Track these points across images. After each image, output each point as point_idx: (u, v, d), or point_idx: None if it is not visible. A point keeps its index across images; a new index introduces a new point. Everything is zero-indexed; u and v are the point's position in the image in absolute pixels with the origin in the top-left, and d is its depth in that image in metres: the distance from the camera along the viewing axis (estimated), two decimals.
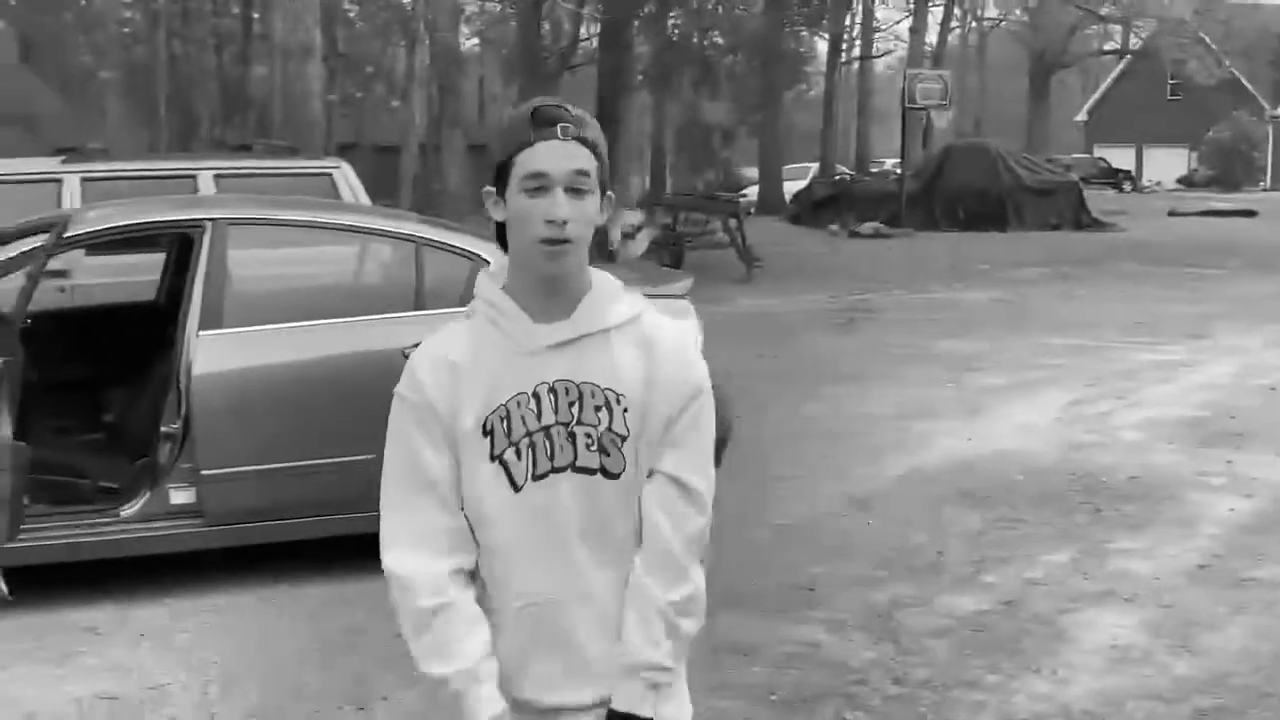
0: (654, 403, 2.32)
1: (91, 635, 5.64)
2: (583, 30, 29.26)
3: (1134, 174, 60.61)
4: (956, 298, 18.49)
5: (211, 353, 6.01)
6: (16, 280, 6.22)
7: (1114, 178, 57.01)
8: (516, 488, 2.29)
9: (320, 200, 7.52)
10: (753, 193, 40.34)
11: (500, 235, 2.34)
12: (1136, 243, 27.76)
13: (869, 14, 43.71)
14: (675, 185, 33.93)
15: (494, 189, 2.31)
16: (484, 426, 2.29)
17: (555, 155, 2.24)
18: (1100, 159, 60.01)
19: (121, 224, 6.36)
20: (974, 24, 62.87)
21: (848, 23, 43.00)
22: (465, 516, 2.34)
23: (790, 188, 38.88)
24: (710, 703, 4.74)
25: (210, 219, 6.24)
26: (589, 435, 2.30)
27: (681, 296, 6.86)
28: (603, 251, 20.34)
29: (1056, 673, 5.19)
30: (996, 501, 7.68)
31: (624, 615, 2.34)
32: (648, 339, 2.35)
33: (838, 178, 38.31)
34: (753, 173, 41.89)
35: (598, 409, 2.30)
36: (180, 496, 6.01)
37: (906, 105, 33.01)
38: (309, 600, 6.06)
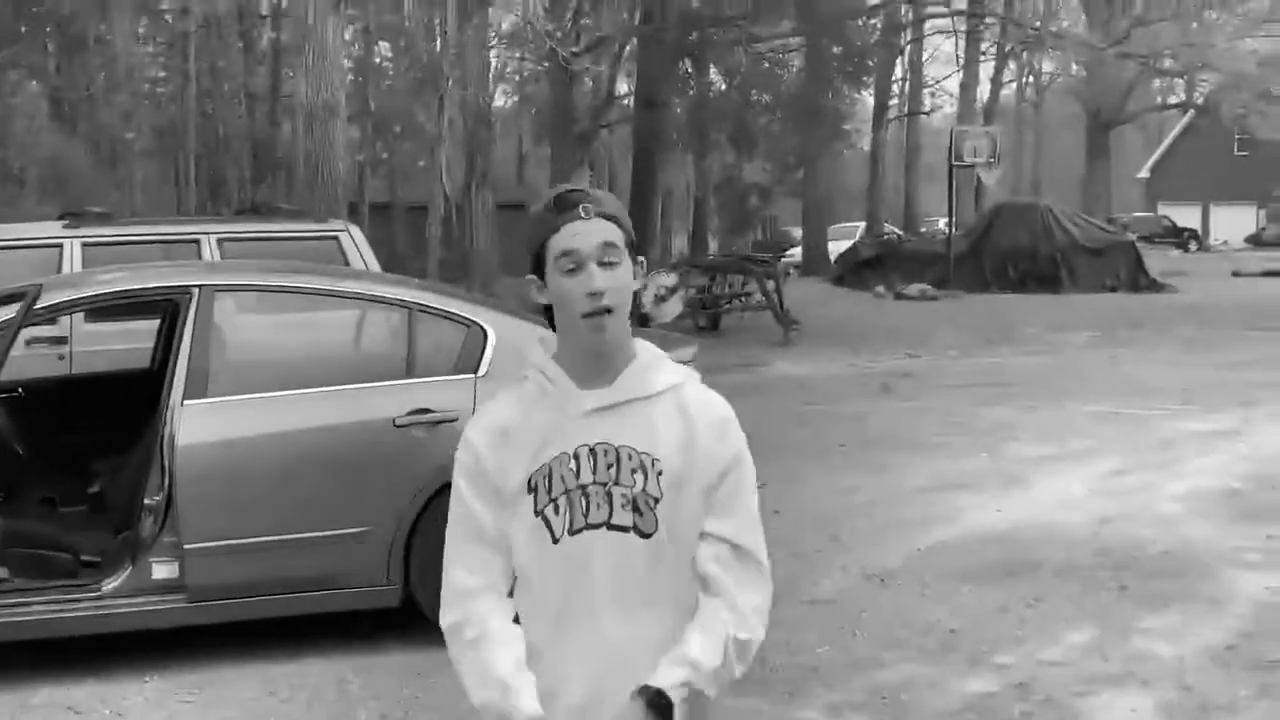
0: (690, 471, 2.57)
1: (71, 714, 5.67)
2: (620, 87, 29.52)
3: (1199, 232, 60.30)
4: (1001, 363, 18.39)
5: (196, 423, 6.07)
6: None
7: (1179, 236, 56.78)
8: (555, 539, 2.55)
9: (313, 265, 7.58)
10: (798, 253, 40.45)
11: (549, 316, 2.61)
12: (1194, 305, 27.57)
13: (917, 70, 43.84)
14: (720, 245, 34.04)
15: (534, 276, 2.59)
16: (529, 484, 2.56)
17: (582, 234, 2.52)
18: (1164, 217, 59.77)
19: (99, 293, 6.44)
20: (1030, 79, 62.92)
21: (897, 76, 43.20)
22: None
23: (838, 247, 38.88)
24: None
25: (197, 285, 6.32)
26: (624, 495, 2.54)
27: (686, 363, 6.87)
28: (633, 316, 20.36)
29: None
30: (1021, 577, 7.62)
31: (688, 630, 2.57)
32: (687, 408, 2.60)
33: (885, 237, 38.35)
34: (799, 232, 42.02)
35: (633, 471, 2.55)
36: (163, 571, 6.05)
37: (953, 162, 33.03)
38: (301, 680, 6.04)
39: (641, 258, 2.62)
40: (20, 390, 7.41)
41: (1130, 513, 9.14)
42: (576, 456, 2.55)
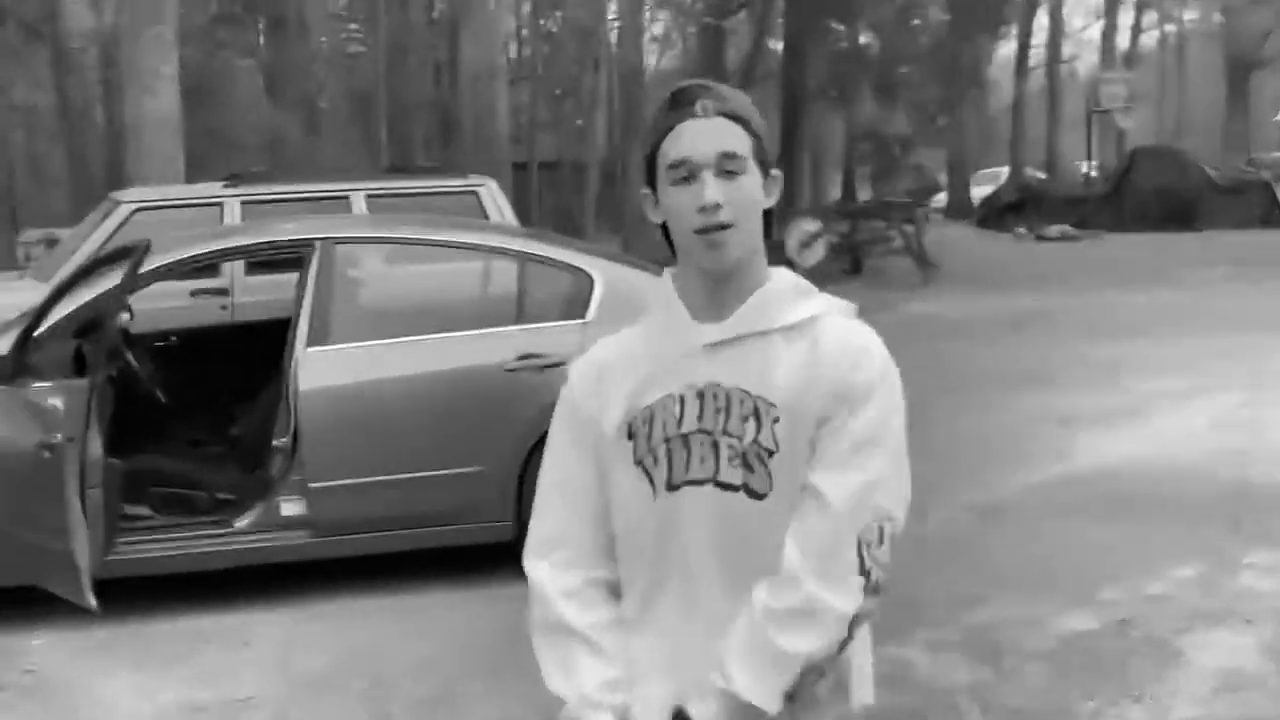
0: (807, 412, 1.96)
1: (200, 642, 5.59)
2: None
3: None
4: (1133, 300, 17.56)
5: (318, 368, 5.92)
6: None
7: None
8: (654, 495, 2.02)
9: (429, 217, 7.37)
10: (945, 198, 39.59)
11: (667, 238, 2.06)
12: None
13: (1058, 19, 42.33)
14: (874, 192, 33.33)
15: (649, 189, 2.05)
16: (629, 429, 2.04)
17: (698, 137, 1.96)
18: None
19: (210, 250, 6.27)
20: (1171, 27, 60.29)
21: (1041, 26, 41.96)
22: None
23: (982, 192, 37.94)
24: None
25: (319, 238, 6.14)
26: (732, 447, 1.97)
27: None
28: (779, 262, 19.95)
29: (1159, 700, 4.71)
30: (1131, 511, 7.12)
31: (729, 636, 1.99)
32: (818, 344, 2.00)
33: (1027, 182, 37.25)
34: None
35: (744, 419, 1.98)
36: (291, 508, 5.93)
37: (1092, 109, 31.87)
38: (414, 612, 5.89)
39: (777, 170, 2.06)
40: (173, 338, 7.36)
41: (1249, 448, 8.51)
42: (682, 399, 2.01)
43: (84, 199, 30.89)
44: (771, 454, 1.96)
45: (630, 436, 2.04)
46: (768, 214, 2.04)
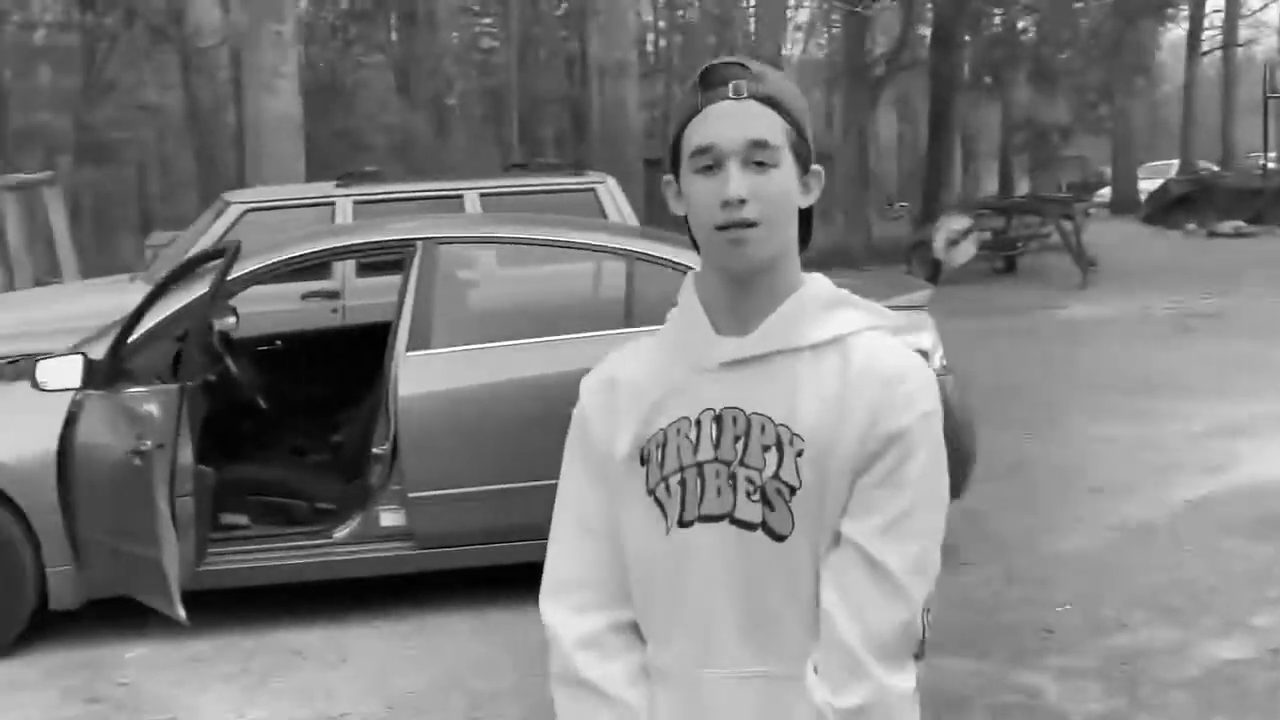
0: (837, 448, 1.80)
1: (297, 658, 5.65)
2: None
3: None
4: None
5: (419, 373, 5.94)
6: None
7: None
8: (668, 530, 1.88)
9: (536, 216, 7.37)
10: (1109, 192, 38.78)
11: (690, 234, 1.90)
12: None
13: (1234, 0, 41.18)
14: (1033, 186, 32.69)
15: (672, 177, 1.89)
16: (642, 454, 1.89)
17: (726, 121, 1.80)
18: None
19: (308, 251, 6.32)
20: None
21: (1216, 8, 40.81)
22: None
23: (1150, 186, 37.05)
24: None
25: (420, 239, 6.17)
26: (751, 481, 1.83)
27: (919, 307, 6.37)
28: (925, 261, 19.71)
29: None
30: None
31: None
32: (851, 365, 1.83)
33: (1198, 174, 36.24)
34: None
35: (765, 449, 1.82)
36: (390, 519, 5.96)
37: (1269, 95, 30.89)
38: (511, 627, 5.85)
39: (818, 167, 1.88)
40: (278, 343, 7.48)
41: None
42: (698, 423, 1.86)
43: (212, 200, 31.67)
44: (794, 491, 1.81)
45: (643, 463, 1.90)
46: (806, 216, 1.90)
